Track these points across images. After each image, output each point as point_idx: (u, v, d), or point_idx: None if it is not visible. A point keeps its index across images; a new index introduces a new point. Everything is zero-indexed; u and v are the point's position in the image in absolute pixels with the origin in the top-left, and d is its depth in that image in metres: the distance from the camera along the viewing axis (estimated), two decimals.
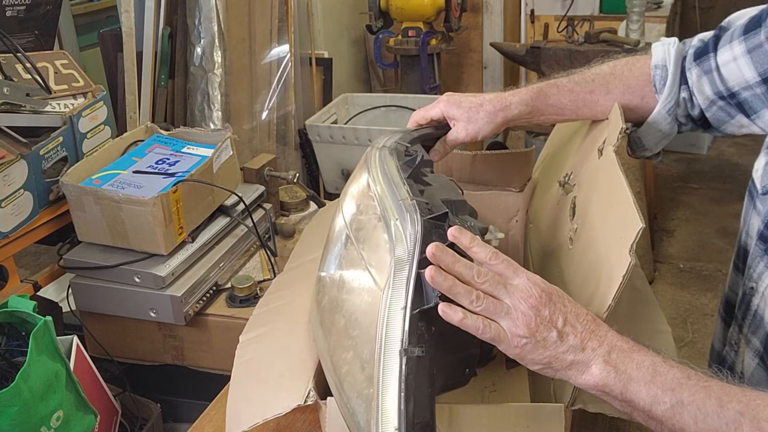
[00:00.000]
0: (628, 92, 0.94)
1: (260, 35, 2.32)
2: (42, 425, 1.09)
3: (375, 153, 0.89)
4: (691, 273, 3.15)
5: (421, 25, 2.98)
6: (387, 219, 0.74)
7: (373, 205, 0.79)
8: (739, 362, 0.83)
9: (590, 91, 0.94)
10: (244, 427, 0.79)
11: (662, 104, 0.91)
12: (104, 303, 1.44)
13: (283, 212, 1.81)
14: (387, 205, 0.76)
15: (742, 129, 0.89)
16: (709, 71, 0.87)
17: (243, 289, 1.44)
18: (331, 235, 0.90)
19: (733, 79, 0.84)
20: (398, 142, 0.93)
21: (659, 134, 0.95)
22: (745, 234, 0.83)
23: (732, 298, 0.87)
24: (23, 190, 1.34)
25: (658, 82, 0.92)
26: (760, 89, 0.81)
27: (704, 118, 0.91)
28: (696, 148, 4.27)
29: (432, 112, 1.01)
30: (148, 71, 2.14)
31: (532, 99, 0.96)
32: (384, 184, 0.80)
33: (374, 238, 0.76)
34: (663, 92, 0.91)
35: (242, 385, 0.87)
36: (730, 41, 0.84)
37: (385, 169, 0.84)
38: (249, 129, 2.30)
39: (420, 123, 1.02)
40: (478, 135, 0.98)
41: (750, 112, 0.84)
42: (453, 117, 0.99)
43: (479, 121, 0.96)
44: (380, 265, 0.71)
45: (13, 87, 1.37)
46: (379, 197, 0.79)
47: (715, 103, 0.88)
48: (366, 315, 0.71)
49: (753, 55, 0.81)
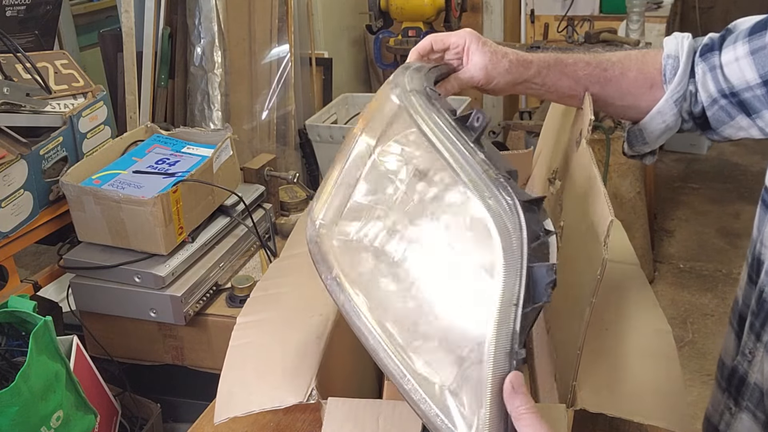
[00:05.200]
0: (640, 77, 0.92)
1: (260, 35, 2.32)
2: (42, 425, 1.09)
3: (412, 99, 0.76)
4: (691, 273, 3.15)
5: (421, 25, 2.98)
6: (471, 191, 0.64)
7: (443, 166, 0.68)
8: (753, 372, 0.83)
9: (604, 69, 0.92)
10: (237, 413, 0.77)
11: (670, 94, 0.90)
12: (104, 303, 1.44)
13: (283, 212, 1.81)
14: (468, 175, 0.65)
15: (740, 132, 0.88)
16: (713, 68, 0.87)
17: (243, 289, 1.44)
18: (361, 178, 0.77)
19: (735, 79, 0.84)
20: (428, 88, 0.79)
21: (662, 126, 0.93)
22: (760, 244, 0.83)
23: (745, 312, 0.86)
24: (23, 190, 1.34)
25: (668, 71, 0.90)
26: (760, 91, 0.82)
27: (704, 117, 0.91)
28: (696, 148, 4.27)
29: (452, 39, 0.90)
30: (148, 71, 2.13)
31: (550, 64, 0.91)
32: (452, 147, 0.68)
33: (453, 210, 0.66)
34: (672, 82, 0.90)
35: (238, 369, 0.85)
36: (734, 42, 0.84)
37: (440, 124, 0.71)
38: (249, 129, 2.30)
39: (427, 49, 0.91)
40: (492, 82, 0.89)
41: (751, 111, 0.84)
42: (474, 53, 0.89)
43: (500, 67, 0.89)
44: (468, 245, 0.63)
45: (13, 87, 1.37)
46: (452, 160, 0.67)
47: (717, 102, 0.87)
48: (458, 306, 0.63)
49: (755, 57, 0.81)
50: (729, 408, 0.87)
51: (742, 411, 0.84)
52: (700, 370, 2.43)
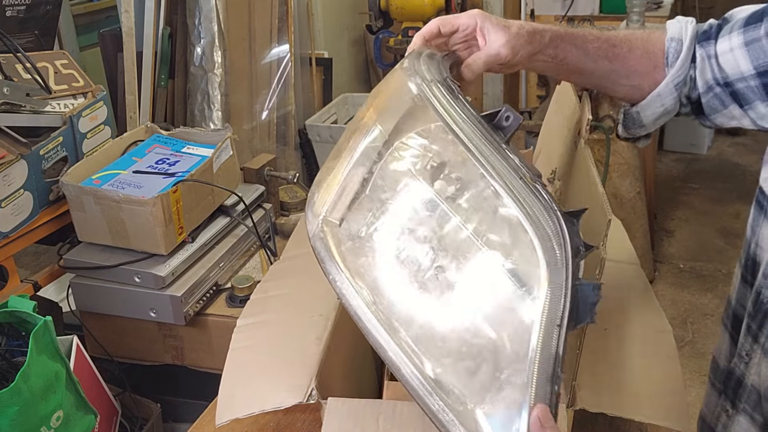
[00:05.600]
0: (645, 55, 0.91)
1: (260, 35, 2.32)
2: (42, 425, 1.09)
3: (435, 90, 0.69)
4: (691, 273, 3.15)
5: (420, 25, 2.96)
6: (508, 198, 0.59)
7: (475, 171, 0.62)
8: (750, 374, 0.82)
9: (613, 45, 0.90)
10: (239, 415, 0.78)
11: (671, 78, 0.89)
12: (104, 303, 1.44)
13: (283, 212, 1.81)
14: (505, 182, 0.60)
15: (732, 121, 0.87)
16: (709, 57, 0.86)
17: (243, 289, 1.44)
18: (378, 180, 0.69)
19: (729, 69, 0.84)
20: (449, 78, 0.72)
21: (661, 110, 0.92)
22: (755, 245, 0.82)
23: (740, 312, 0.85)
24: (23, 190, 1.34)
25: (671, 54, 0.89)
26: (753, 82, 0.81)
27: (699, 103, 0.90)
28: (696, 148, 4.27)
29: (462, 20, 0.84)
30: (148, 71, 2.13)
31: (561, 35, 0.88)
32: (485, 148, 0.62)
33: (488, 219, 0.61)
34: (675, 65, 0.88)
35: (239, 371, 0.85)
36: (729, 32, 0.84)
37: (468, 121, 0.65)
38: (249, 129, 2.30)
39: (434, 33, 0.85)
40: (517, 56, 0.84)
41: (743, 102, 0.84)
42: (491, 31, 0.83)
43: (521, 39, 0.83)
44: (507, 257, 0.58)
45: (13, 87, 1.37)
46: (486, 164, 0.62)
47: (712, 89, 0.87)
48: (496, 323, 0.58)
49: (750, 48, 0.81)
50: (726, 410, 0.87)
51: (740, 413, 0.84)
52: (700, 370, 2.43)
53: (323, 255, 0.71)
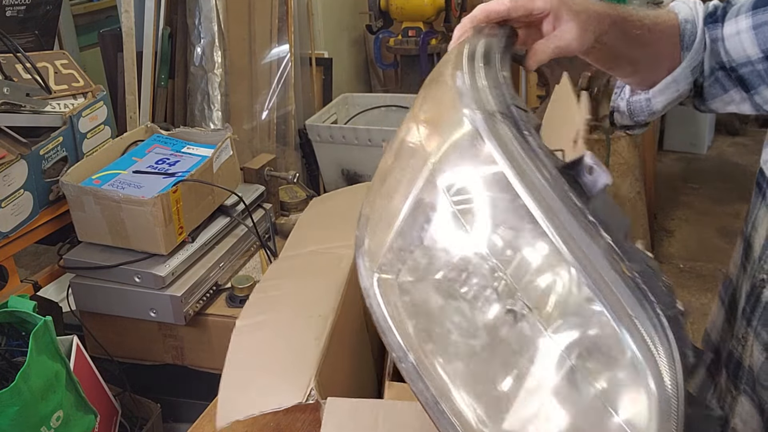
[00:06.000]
0: (667, 39, 0.84)
1: (260, 35, 2.32)
2: (42, 425, 1.09)
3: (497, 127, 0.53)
4: (691, 273, 3.15)
5: (421, 25, 2.98)
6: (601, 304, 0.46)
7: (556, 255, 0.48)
8: (746, 356, 0.82)
9: (649, 30, 0.81)
10: (239, 416, 0.78)
11: (688, 62, 0.84)
12: (104, 303, 1.44)
13: (283, 212, 1.81)
14: (597, 279, 0.46)
15: (729, 106, 0.85)
16: (716, 40, 0.84)
17: (243, 289, 1.44)
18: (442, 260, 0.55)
19: (735, 52, 0.82)
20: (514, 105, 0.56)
21: (675, 96, 0.86)
22: (750, 226, 0.82)
23: (738, 293, 0.85)
24: (23, 190, 1.34)
25: (687, 37, 0.84)
26: (761, 66, 0.80)
27: (700, 88, 0.88)
28: (696, 147, 4.27)
29: (538, 4, 0.72)
30: (148, 71, 2.13)
31: (615, 20, 0.78)
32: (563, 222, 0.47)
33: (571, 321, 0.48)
34: (692, 48, 0.84)
35: (238, 372, 0.85)
36: (736, 15, 0.82)
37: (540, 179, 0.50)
38: (249, 129, 2.30)
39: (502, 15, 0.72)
40: (585, 47, 0.74)
41: (749, 87, 0.82)
42: (567, 20, 0.73)
43: (589, 27, 0.74)
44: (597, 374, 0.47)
45: (13, 87, 1.37)
46: (565, 248, 0.47)
47: (715, 73, 0.85)
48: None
49: (758, 32, 0.79)
50: (730, 391, 0.86)
51: (741, 394, 0.84)
52: None
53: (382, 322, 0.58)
